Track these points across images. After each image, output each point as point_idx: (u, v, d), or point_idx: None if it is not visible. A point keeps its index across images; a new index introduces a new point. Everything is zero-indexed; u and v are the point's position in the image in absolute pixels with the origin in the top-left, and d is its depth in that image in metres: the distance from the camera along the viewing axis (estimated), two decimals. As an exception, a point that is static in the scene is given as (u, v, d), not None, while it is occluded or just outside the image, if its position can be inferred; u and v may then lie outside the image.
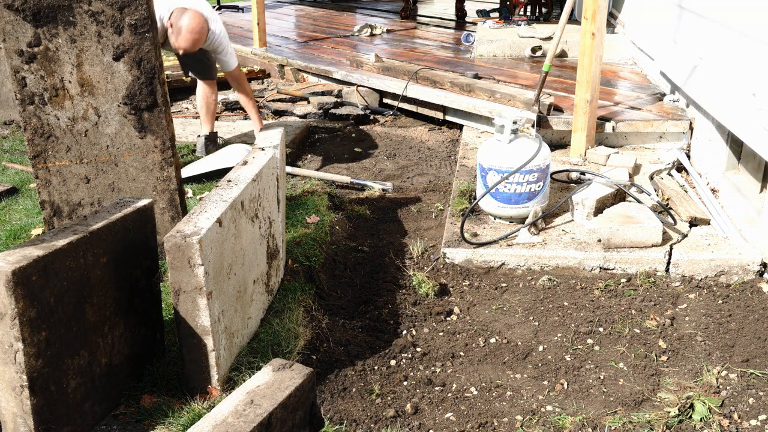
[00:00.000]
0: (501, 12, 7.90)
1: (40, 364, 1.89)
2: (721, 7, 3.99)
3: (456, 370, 2.63)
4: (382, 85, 5.96)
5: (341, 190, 4.36)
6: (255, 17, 7.37)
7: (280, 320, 2.68)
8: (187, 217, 2.24)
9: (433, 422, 2.35)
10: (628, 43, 6.30)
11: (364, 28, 8.15)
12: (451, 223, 3.60)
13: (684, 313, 2.91)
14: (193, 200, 3.80)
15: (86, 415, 2.10)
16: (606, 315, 2.92)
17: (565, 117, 4.63)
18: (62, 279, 1.96)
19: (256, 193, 2.61)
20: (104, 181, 2.99)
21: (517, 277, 3.25)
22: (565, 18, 4.28)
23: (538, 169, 3.43)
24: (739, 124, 3.56)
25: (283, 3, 11.18)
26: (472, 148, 4.73)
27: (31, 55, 2.75)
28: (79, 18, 2.75)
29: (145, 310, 2.40)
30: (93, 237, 2.08)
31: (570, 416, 2.34)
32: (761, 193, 3.61)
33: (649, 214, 3.32)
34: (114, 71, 2.84)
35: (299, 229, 3.51)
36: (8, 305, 1.79)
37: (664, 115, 4.61)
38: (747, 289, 3.04)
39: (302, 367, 1.96)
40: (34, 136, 2.86)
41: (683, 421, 2.29)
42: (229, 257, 2.34)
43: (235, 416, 1.74)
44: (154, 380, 2.36)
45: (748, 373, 2.49)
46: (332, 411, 2.34)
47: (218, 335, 2.25)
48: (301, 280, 3.03)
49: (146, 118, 2.91)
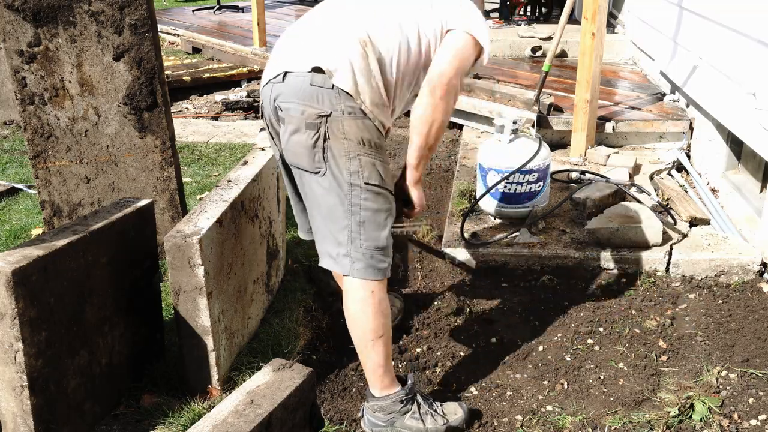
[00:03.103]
0: (501, 12, 7.90)
1: (40, 364, 1.89)
2: (721, 7, 3.99)
3: (456, 369, 2.63)
4: (382, 85, 5.95)
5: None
6: (255, 17, 7.37)
7: (280, 320, 2.68)
8: (187, 217, 2.24)
9: (433, 422, 2.35)
10: (628, 43, 6.30)
11: (364, 28, 8.13)
12: (451, 223, 3.60)
13: (684, 313, 2.91)
14: (193, 200, 3.80)
15: (86, 415, 2.10)
16: (606, 315, 2.92)
17: (565, 117, 4.63)
18: (62, 279, 1.96)
19: (256, 193, 2.61)
20: (104, 181, 2.99)
21: (517, 277, 3.25)
22: (565, 18, 4.28)
23: (538, 169, 3.43)
24: (739, 123, 3.56)
25: (283, 3, 11.18)
26: (472, 148, 4.72)
27: (31, 55, 2.75)
28: (79, 18, 2.75)
29: (145, 310, 2.40)
30: (93, 237, 2.08)
31: (570, 416, 2.34)
32: (761, 193, 3.61)
33: (649, 214, 3.32)
34: (114, 71, 2.84)
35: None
36: (8, 305, 1.79)
37: (664, 115, 4.61)
38: (747, 289, 3.04)
39: (302, 367, 1.96)
40: (34, 136, 2.86)
41: (683, 421, 2.29)
42: (229, 257, 2.34)
43: (235, 416, 1.74)
44: (154, 380, 2.36)
45: (748, 373, 2.49)
46: (332, 411, 2.34)
47: (218, 335, 2.25)
48: (301, 280, 3.03)
49: (146, 118, 2.91)
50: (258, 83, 7.03)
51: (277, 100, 2.07)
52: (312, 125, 2.01)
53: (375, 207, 2.07)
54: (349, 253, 2.08)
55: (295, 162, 2.10)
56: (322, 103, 2.00)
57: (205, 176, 4.32)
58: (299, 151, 2.05)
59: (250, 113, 6.10)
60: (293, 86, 2.02)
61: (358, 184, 2.04)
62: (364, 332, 2.14)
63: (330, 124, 2.00)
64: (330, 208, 2.07)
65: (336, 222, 2.07)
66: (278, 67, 2.08)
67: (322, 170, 2.04)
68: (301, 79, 2.01)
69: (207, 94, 6.76)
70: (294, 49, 2.11)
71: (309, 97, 2.00)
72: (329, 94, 1.99)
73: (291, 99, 2.03)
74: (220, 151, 4.84)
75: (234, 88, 6.98)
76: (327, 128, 2.00)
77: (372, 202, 2.06)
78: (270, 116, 2.15)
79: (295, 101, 2.01)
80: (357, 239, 2.07)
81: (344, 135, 2.01)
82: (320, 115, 2.00)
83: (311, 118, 2.00)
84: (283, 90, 2.05)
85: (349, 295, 2.14)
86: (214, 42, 8.15)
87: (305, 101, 2.00)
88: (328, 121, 2.00)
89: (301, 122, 2.01)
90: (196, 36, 8.54)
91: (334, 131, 2.00)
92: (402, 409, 2.20)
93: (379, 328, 2.14)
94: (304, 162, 2.06)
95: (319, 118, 2.00)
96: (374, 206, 2.07)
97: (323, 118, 2.00)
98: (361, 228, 2.06)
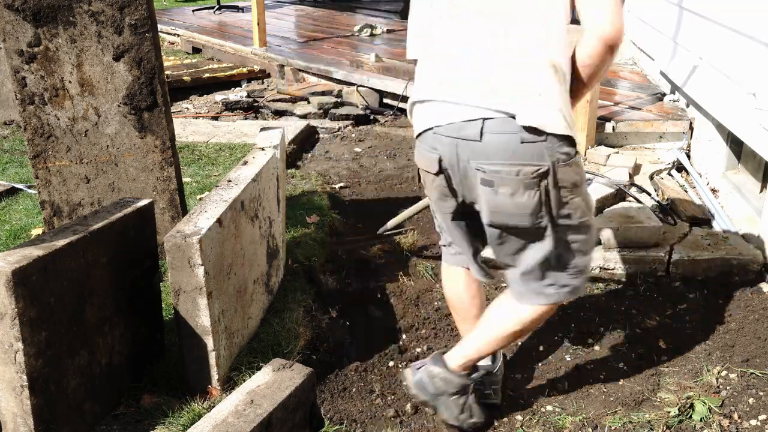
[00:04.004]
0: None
1: (40, 364, 1.89)
2: (721, 7, 3.99)
3: (456, 370, 2.63)
4: (382, 85, 5.96)
5: (340, 189, 4.36)
6: (255, 17, 7.37)
7: (280, 320, 2.68)
8: (187, 217, 2.24)
9: (433, 422, 2.35)
10: (628, 43, 6.30)
11: (364, 28, 8.15)
12: (451, 223, 3.59)
13: (684, 313, 2.91)
14: (193, 200, 3.80)
15: (86, 415, 2.10)
16: (606, 315, 2.92)
17: (565, 117, 4.63)
18: (62, 279, 1.96)
19: (256, 193, 2.61)
20: (104, 181, 2.99)
21: (517, 277, 3.24)
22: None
23: (538, 169, 3.43)
24: (739, 123, 3.56)
25: (283, 3, 11.19)
26: (472, 148, 4.72)
27: (31, 55, 2.75)
28: (79, 18, 2.75)
29: (145, 310, 2.40)
30: (93, 237, 2.08)
31: (570, 416, 2.34)
32: (761, 193, 3.61)
33: (649, 214, 3.32)
34: (114, 71, 2.84)
35: (299, 229, 3.51)
36: (8, 305, 1.79)
37: (664, 115, 4.61)
38: (747, 289, 3.04)
39: (302, 367, 1.96)
40: (34, 136, 2.86)
41: (683, 421, 2.29)
42: (229, 257, 2.34)
43: (235, 416, 1.74)
44: (154, 380, 2.36)
45: (748, 373, 2.49)
46: (332, 411, 2.34)
47: (218, 335, 2.25)
48: (301, 280, 3.03)
49: (146, 118, 2.91)
50: (258, 83, 7.04)
51: (472, 160, 1.89)
52: (531, 185, 1.86)
53: (581, 238, 2.02)
54: (557, 282, 2.05)
55: (507, 223, 1.96)
56: (539, 159, 1.84)
57: (205, 176, 4.32)
58: (516, 213, 1.92)
59: (250, 113, 6.10)
60: (498, 147, 1.85)
61: (567, 225, 1.96)
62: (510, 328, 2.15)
63: (549, 179, 1.87)
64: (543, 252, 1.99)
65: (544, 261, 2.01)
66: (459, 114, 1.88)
67: (542, 223, 1.93)
68: (508, 138, 1.84)
69: (207, 94, 6.77)
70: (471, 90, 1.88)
71: (521, 156, 1.84)
72: (543, 147, 1.84)
73: (497, 160, 1.86)
74: (220, 151, 4.84)
75: (234, 88, 6.98)
76: (547, 183, 1.87)
77: (578, 234, 2.00)
78: (454, 171, 1.97)
79: (504, 162, 1.85)
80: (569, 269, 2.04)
81: (562, 183, 1.89)
82: (538, 173, 1.85)
83: (528, 177, 1.85)
84: (482, 150, 1.87)
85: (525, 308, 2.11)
86: (214, 42, 8.15)
87: (518, 161, 1.84)
88: (547, 176, 1.86)
89: (518, 184, 1.86)
90: (196, 36, 8.54)
91: (554, 184, 1.88)
92: (456, 392, 2.22)
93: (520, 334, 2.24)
94: (523, 222, 1.93)
95: (536, 176, 1.85)
96: (581, 238, 2.02)
97: (542, 175, 1.86)
98: (566, 257, 2.02)
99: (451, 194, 2.07)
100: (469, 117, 1.86)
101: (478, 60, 1.89)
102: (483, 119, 1.85)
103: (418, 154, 2.09)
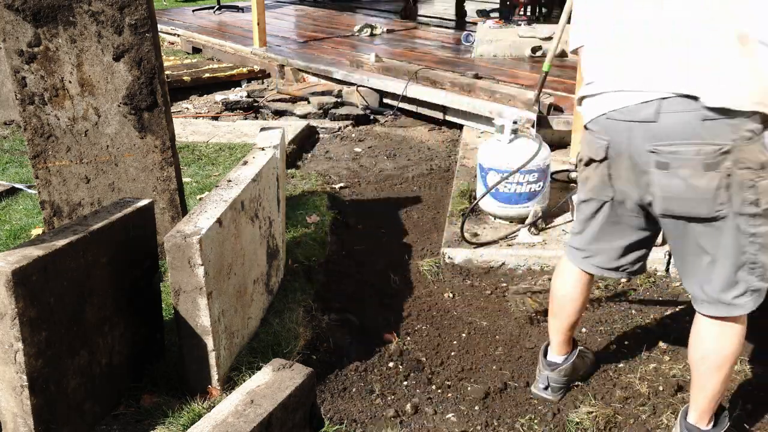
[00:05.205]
0: (501, 12, 7.90)
1: (40, 364, 1.89)
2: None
3: (456, 369, 2.63)
4: (382, 85, 5.96)
5: (340, 189, 4.36)
6: (255, 17, 7.38)
7: (280, 320, 2.68)
8: (187, 217, 2.24)
9: (433, 422, 2.35)
10: None
11: (364, 28, 8.15)
12: (451, 223, 3.60)
13: (684, 313, 2.91)
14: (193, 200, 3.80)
15: (86, 415, 2.10)
16: (606, 315, 2.92)
17: (565, 117, 4.63)
18: (62, 279, 1.96)
19: (256, 193, 2.61)
20: (104, 181, 2.99)
21: (518, 277, 3.25)
22: (565, 18, 4.28)
23: (538, 169, 3.43)
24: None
25: (283, 3, 11.19)
26: (472, 148, 4.72)
27: (31, 55, 2.75)
28: (79, 18, 2.75)
29: (145, 310, 2.40)
30: (93, 237, 2.08)
31: (571, 414, 2.34)
32: (761, 193, 3.60)
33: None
34: (114, 71, 2.84)
35: (299, 229, 3.51)
36: (8, 305, 1.79)
37: (664, 115, 4.61)
38: (747, 289, 3.04)
39: (302, 367, 1.96)
40: (34, 136, 2.86)
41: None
42: (229, 257, 2.34)
43: (235, 416, 1.74)
44: (154, 380, 2.36)
45: (749, 372, 2.49)
46: (332, 411, 2.34)
47: (218, 335, 2.25)
48: (301, 280, 3.03)
49: (146, 118, 2.91)
50: (258, 83, 7.03)
51: (647, 142, 1.78)
52: (711, 165, 1.73)
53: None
54: (748, 288, 1.87)
55: (682, 211, 1.82)
56: (721, 137, 1.71)
57: (205, 176, 4.32)
58: (693, 197, 1.78)
59: (250, 113, 6.10)
60: (675, 126, 1.74)
61: (754, 214, 1.78)
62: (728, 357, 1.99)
63: (730, 158, 1.73)
64: (725, 249, 1.83)
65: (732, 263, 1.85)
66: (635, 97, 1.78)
67: (722, 213, 1.78)
68: (688, 117, 1.72)
69: (207, 94, 6.77)
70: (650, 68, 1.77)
71: (702, 135, 1.72)
72: (726, 124, 1.71)
73: (675, 140, 1.74)
74: (220, 151, 4.84)
75: (234, 88, 6.98)
76: (730, 164, 1.73)
77: (766, 224, 1.81)
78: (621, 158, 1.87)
79: (682, 142, 1.73)
80: (756, 270, 1.85)
81: (746, 164, 1.74)
82: (720, 152, 1.72)
83: (709, 157, 1.73)
84: (659, 131, 1.76)
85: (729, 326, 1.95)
86: (214, 42, 8.16)
87: (699, 139, 1.72)
88: (729, 155, 1.73)
89: (697, 165, 1.73)
90: (196, 36, 8.54)
91: (736, 164, 1.74)
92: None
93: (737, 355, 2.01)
94: (700, 209, 1.79)
95: (719, 155, 1.72)
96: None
97: (724, 154, 1.72)
98: (754, 254, 1.83)
99: (609, 183, 1.98)
100: (645, 99, 1.77)
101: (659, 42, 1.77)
102: (660, 99, 1.75)
103: (585, 143, 2.00)
